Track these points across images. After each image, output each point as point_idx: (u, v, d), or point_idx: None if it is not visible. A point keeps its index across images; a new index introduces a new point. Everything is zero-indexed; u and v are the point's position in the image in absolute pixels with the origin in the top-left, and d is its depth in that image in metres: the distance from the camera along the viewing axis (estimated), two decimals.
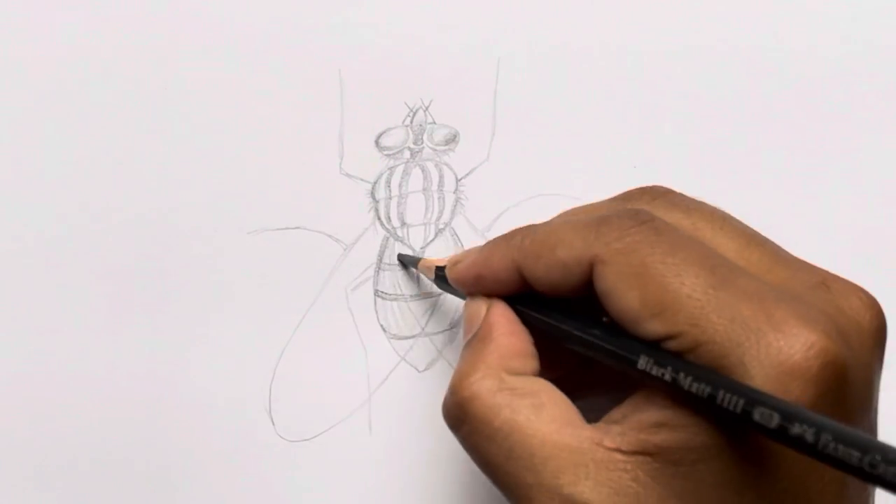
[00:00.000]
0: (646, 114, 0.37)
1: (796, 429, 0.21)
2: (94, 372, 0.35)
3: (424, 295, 0.37)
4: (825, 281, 0.26)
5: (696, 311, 0.24)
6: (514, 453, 0.26)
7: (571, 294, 0.27)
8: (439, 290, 0.36)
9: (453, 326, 0.37)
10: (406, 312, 0.36)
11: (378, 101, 0.36)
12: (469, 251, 0.31)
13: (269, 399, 0.36)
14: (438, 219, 0.36)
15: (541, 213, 0.37)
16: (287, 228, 0.36)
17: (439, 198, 0.36)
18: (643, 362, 0.25)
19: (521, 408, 0.27)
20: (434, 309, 0.37)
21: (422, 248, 0.36)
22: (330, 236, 0.36)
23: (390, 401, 0.36)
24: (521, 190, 0.37)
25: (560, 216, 0.31)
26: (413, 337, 0.37)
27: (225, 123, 0.35)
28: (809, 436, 0.21)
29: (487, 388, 0.27)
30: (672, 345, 0.24)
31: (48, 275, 0.35)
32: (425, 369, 0.37)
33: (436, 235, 0.37)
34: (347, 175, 0.36)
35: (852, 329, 0.25)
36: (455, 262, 0.31)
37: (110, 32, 0.34)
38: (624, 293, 0.25)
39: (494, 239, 0.30)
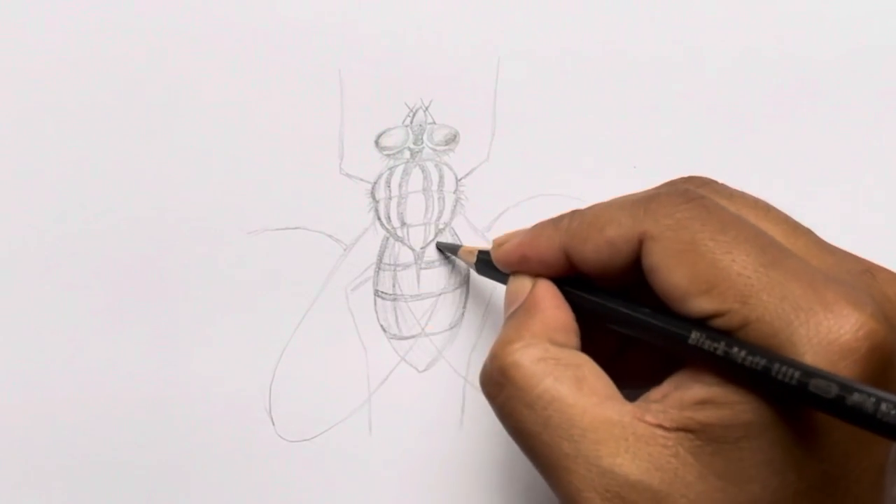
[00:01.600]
0: (646, 114, 0.37)
1: (855, 397, 0.22)
2: (94, 372, 0.35)
3: (425, 295, 0.37)
4: (870, 269, 0.26)
5: (747, 289, 0.24)
6: (553, 421, 0.26)
7: (618, 275, 0.27)
8: (439, 290, 0.36)
9: (453, 326, 0.37)
10: (406, 312, 0.36)
11: (378, 101, 0.36)
12: (515, 233, 0.31)
13: (269, 399, 0.36)
14: (438, 219, 0.36)
15: (541, 213, 0.37)
16: (287, 228, 0.36)
17: (439, 198, 0.36)
18: (695, 337, 0.25)
19: (564, 378, 0.27)
20: (434, 309, 0.37)
21: (422, 248, 0.36)
22: (330, 236, 0.36)
23: (390, 401, 0.36)
24: (521, 190, 0.37)
25: (605, 201, 0.31)
26: (413, 337, 0.37)
27: (225, 123, 0.35)
28: (869, 405, 0.21)
29: (531, 356, 0.27)
30: (720, 322, 0.24)
31: (48, 275, 0.35)
32: (425, 369, 0.37)
33: (436, 235, 0.37)
34: (347, 175, 0.36)
35: None
36: (500, 242, 0.31)
37: (110, 32, 0.34)
38: (673, 269, 0.25)
39: (541, 221, 0.30)
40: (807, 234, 0.28)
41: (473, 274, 0.36)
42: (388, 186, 0.36)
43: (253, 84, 0.35)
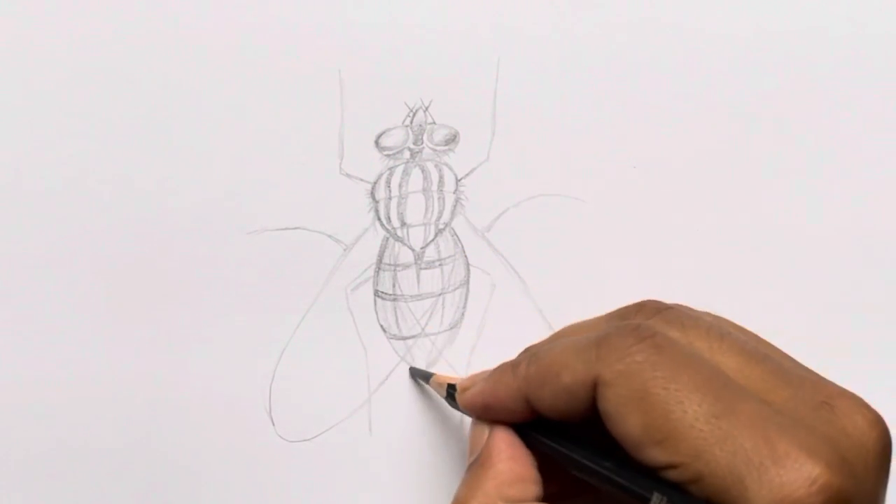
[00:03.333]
0: (646, 114, 0.37)
1: None
2: (94, 372, 0.35)
3: (425, 295, 0.37)
4: (829, 399, 0.25)
5: (699, 442, 0.24)
6: None
7: (581, 418, 0.27)
8: (439, 291, 0.36)
9: (453, 326, 0.37)
10: (406, 312, 0.36)
11: (378, 101, 0.36)
12: (477, 376, 0.32)
13: (269, 399, 0.36)
14: (438, 219, 0.36)
15: (541, 212, 0.37)
16: (287, 228, 0.36)
17: (439, 198, 0.36)
18: (656, 500, 0.25)
19: None
20: (434, 309, 0.37)
21: (422, 248, 0.36)
22: (330, 236, 0.36)
23: (390, 401, 0.36)
24: (521, 190, 0.37)
25: (562, 334, 0.32)
26: (413, 337, 0.37)
27: (225, 123, 0.35)
28: None
29: None
30: (674, 474, 0.24)
31: (48, 275, 0.35)
32: (425, 369, 0.37)
33: (436, 235, 0.37)
34: (347, 175, 0.36)
35: (857, 454, 0.25)
36: (464, 388, 0.32)
37: (110, 32, 0.34)
38: (626, 418, 0.25)
39: (501, 366, 0.30)
40: (762, 362, 0.27)
41: (473, 274, 0.37)
42: (388, 186, 0.36)
43: (253, 84, 0.35)
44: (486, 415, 0.30)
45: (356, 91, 0.35)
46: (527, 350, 0.32)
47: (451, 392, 0.33)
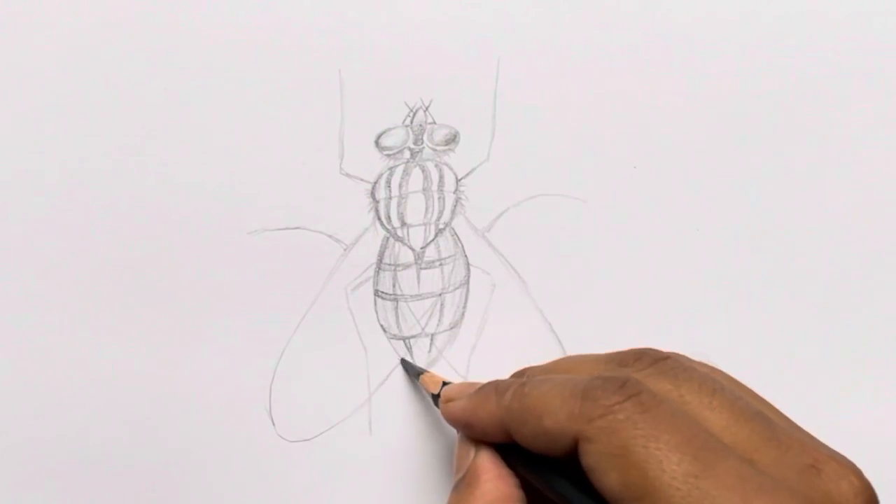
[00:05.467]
0: (646, 114, 0.37)
1: None
2: (94, 371, 0.35)
3: (425, 295, 0.37)
4: (816, 463, 0.25)
5: (676, 501, 0.24)
6: None
7: (559, 457, 0.28)
8: (439, 290, 0.36)
9: (453, 326, 0.37)
10: (406, 312, 0.36)
11: (378, 101, 0.36)
12: (463, 387, 0.32)
13: (269, 399, 0.36)
14: (438, 219, 0.36)
15: (541, 213, 0.37)
16: (287, 228, 0.36)
17: (439, 198, 0.36)
18: None
19: None
20: (434, 309, 0.37)
21: (422, 248, 0.36)
22: (330, 236, 0.36)
23: (390, 401, 0.36)
24: (521, 190, 0.37)
25: (559, 367, 0.32)
26: (413, 337, 0.37)
27: (225, 123, 0.35)
28: None
29: None
30: None
31: (48, 274, 0.35)
32: (425, 369, 0.37)
33: (436, 235, 0.37)
34: (347, 175, 0.36)
35: None
36: (449, 398, 0.32)
37: (111, 32, 0.34)
38: (606, 473, 0.25)
39: (486, 386, 0.31)
40: (751, 421, 0.27)
41: (473, 274, 0.37)
42: (389, 186, 0.36)
43: (253, 84, 0.35)
44: (466, 431, 0.31)
45: (356, 91, 0.35)
46: (521, 373, 0.33)
47: (435, 398, 0.33)
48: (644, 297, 0.38)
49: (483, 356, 0.37)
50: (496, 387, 0.30)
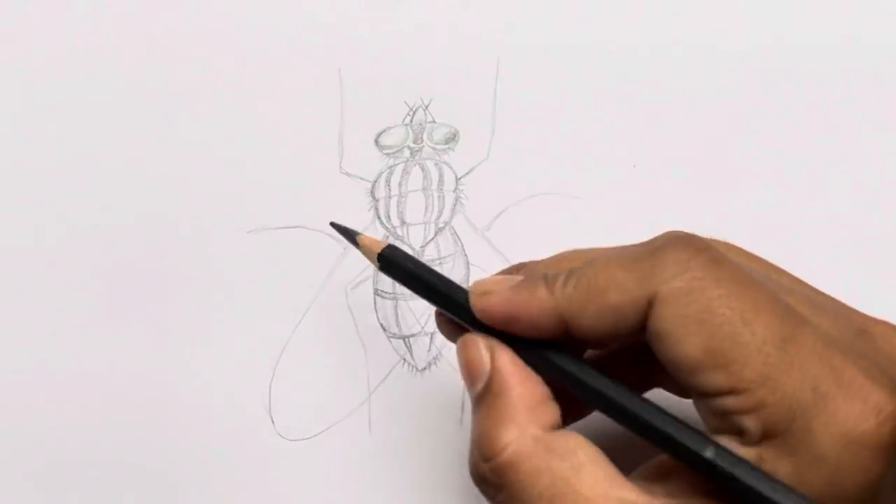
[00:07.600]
0: (646, 114, 0.37)
1: None
2: (95, 372, 0.35)
3: None
4: (865, 327, 0.25)
5: (766, 368, 0.22)
6: None
7: (618, 343, 0.25)
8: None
9: None
10: (406, 312, 0.36)
11: (378, 100, 0.36)
12: (497, 281, 0.27)
13: (269, 399, 0.36)
14: (438, 217, 0.36)
15: (541, 212, 0.37)
16: (287, 228, 0.36)
17: (439, 197, 0.36)
18: (711, 454, 0.23)
19: (561, 471, 0.24)
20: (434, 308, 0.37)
21: (421, 246, 0.36)
22: (330, 235, 0.36)
23: (390, 400, 0.36)
24: (520, 189, 0.37)
25: (603, 251, 0.27)
26: (413, 336, 0.37)
27: (225, 123, 0.35)
28: None
29: (524, 453, 0.25)
30: (731, 401, 0.23)
31: (48, 274, 0.35)
32: (425, 369, 0.36)
33: (436, 234, 0.37)
34: (347, 174, 0.36)
35: None
36: (482, 291, 0.26)
37: (111, 32, 0.35)
38: (685, 338, 0.23)
39: (531, 277, 0.26)
40: (796, 292, 0.25)
41: (473, 273, 0.36)
42: (388, 185, 0.36)
43: (253, 83, 0.35)
44: (506, 326, 0.26)
45: (356, 90, 0.36)
46: (517, 267, 0.29)
47: (387, 253, 0.29)
48: None
49: None
50: (542, 278, 0.26)
